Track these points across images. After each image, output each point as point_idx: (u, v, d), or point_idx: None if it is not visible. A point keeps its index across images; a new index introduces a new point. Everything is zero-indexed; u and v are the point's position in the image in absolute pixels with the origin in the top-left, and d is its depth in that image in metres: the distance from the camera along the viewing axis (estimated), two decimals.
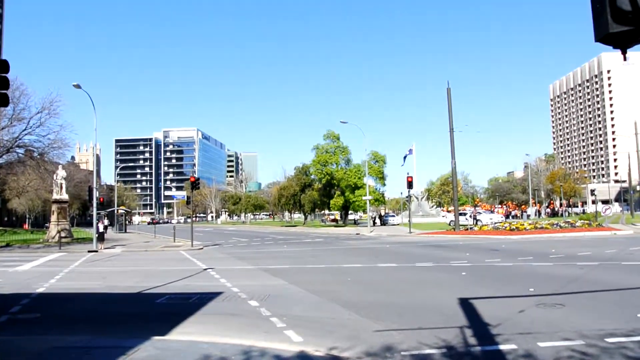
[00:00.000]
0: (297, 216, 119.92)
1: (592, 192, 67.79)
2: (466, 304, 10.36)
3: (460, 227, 43.05)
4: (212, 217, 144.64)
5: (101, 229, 33.22)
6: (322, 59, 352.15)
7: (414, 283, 14.25)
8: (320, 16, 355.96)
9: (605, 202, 78.86)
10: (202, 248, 32.23)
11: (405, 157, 73.04)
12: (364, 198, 57.01)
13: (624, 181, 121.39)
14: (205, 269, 18.96)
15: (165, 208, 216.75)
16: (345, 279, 15.43)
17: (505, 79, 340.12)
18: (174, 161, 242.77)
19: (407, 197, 57.57)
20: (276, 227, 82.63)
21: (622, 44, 3.89)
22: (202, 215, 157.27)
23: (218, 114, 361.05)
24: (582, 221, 40.83)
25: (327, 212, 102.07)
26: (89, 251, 30.53)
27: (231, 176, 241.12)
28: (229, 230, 73.14)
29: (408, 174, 50.04)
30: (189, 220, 43.50)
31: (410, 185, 47.14)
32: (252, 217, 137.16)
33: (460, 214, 48.55)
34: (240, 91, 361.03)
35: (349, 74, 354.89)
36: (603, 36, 3.85)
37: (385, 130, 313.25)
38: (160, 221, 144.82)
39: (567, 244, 26.46)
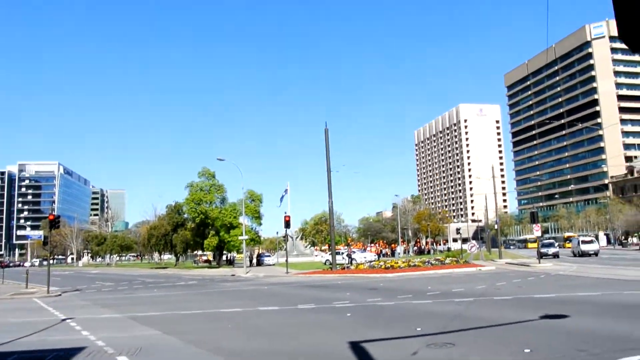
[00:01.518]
0: (168, 257, 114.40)
1: (458, 230, 72.65)
2: (358, 348, 9.86)
3: (337, 266, 43.35)
4: (72, 259, 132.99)
5: None
6: (197, 96, 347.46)
7: (300, 327, 13.58)
8: (199, 52, 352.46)
9: (464, 240, 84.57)
10: (60, 294, 28.95)
11: (282, 198, 73.65)
12: (240, 238, 55.71)
13: (479, 220, 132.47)
14: (64, 320, 16.75)
15: (17, 249, 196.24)
16: (226, 325, 14.34)
17: (376, 125, 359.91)
18: (30, 197, 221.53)
19: (283, 236, 57.28)
20: (145, 269, 77.87)
21: None
22: (61, 257, 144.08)
23: (82, 147, 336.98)
24: (450, 258, 43.06)
25: (200, 252, 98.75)
26: None
27: (96, 214, 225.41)
28: (92, 273, 67.48)
29: (286, 213, 50.03)
30: (45, 262, 39.38)
31: (287, 224, 46.88)
32: (117, 258, 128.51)
33: (336, 253, 48.99)
34: (107, 125, 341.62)
35: (225, 113, 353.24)
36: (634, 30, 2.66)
37: (261, 169, 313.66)
38: (11, 264, 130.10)
39: (440, 281, 27.42)
